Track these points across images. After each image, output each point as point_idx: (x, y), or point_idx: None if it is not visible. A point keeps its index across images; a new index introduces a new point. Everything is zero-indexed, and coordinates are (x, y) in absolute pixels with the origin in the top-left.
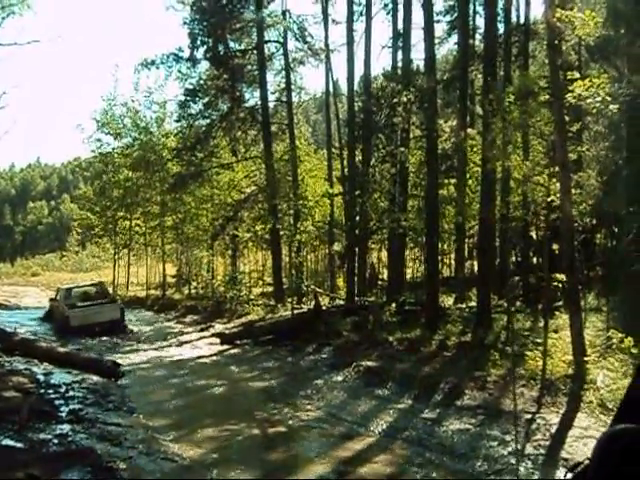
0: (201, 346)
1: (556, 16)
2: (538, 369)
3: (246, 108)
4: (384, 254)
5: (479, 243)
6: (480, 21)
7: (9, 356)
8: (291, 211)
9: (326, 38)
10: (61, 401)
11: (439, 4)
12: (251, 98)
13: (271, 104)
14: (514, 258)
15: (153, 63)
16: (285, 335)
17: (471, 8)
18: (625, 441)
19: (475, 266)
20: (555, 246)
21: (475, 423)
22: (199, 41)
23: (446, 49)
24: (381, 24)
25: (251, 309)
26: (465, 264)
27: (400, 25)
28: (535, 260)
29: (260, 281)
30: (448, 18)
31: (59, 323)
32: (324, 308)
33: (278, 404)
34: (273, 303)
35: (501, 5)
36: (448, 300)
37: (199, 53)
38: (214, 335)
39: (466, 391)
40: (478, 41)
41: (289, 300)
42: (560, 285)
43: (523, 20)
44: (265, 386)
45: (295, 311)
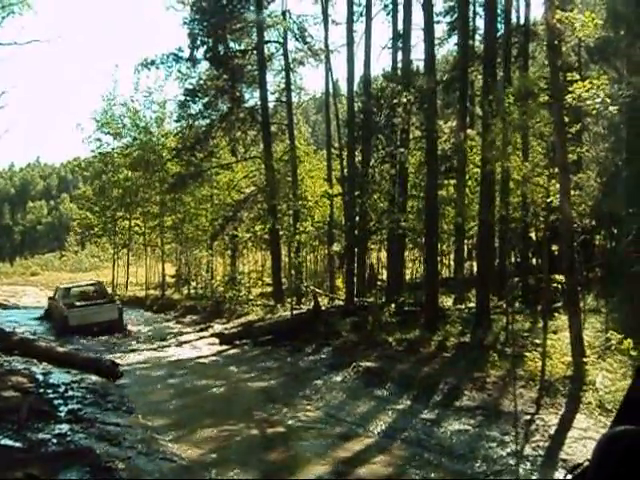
0: (200, 346)
1: (556, 17)
2: (537, 370)
3: (246, 108)
4: (383, 255)
5: (478, 244)
6: (480, 22)
7: (8, 356)
8: (290, 211)
9: (326, 39)
10: (60, 401)
11: (439, 5)
12: (251, 98)
13: (271, 104)
14: (513, 259)
15: (153, 63)
16: (284, 335)
17: (471, 9)
18: (625, 443)
19: (474, 267)
20: (554, 247)
21: (474, 424)
22: (199, 41)
23: (446, 50)
24: (381, 25)
25: (250, 309)
26: (464, 265)
27: (400, 26)
28: (534, 261)
29: (259, 281)
30: (448, 19)
31: (58, 323)
32: (323, 308)
33: (277, 404)
34: (272, 303)
35: (501, 6)
36: (447, 301)
37: (199, 53)
38: (213, 335)
39: (465, 392)
40: (478, 42)
41: (288, 300)
42: (559, 286)
43: (523, 21)
44: (264, 386)
45: (294, 311)
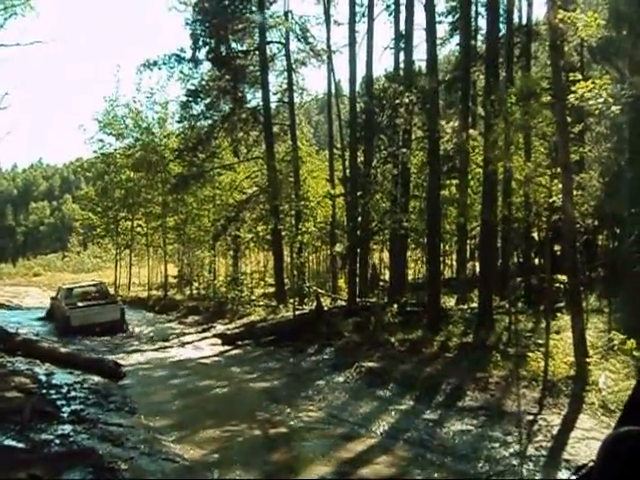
0: (202, 347)
1: (558, 17)
2: (540, 370)
3: (248, 109)
4: (386, 255)
5: (481, 244)
6: (482, 22)
7: (11, 356)
8: (293, 212)
9: (328, 39)
10: (63, 401)
11: (441, 5)
12: (253, 99)
13: (273, 105)
14: (516, 259)
15: (155, 64)
16: (287, 336)
17: (473, 9)
18: (630, 443)
19: (477, 267)
20: (557, 247)
21: (477, 424)
22: (201, 42)
23: (448, 50)
24: (383, 25)
25: (253, 310)
26: (467, 265)
27: (402, 26)
28: (537, 261)
29: (262, 282)
30: (450, 19)
31: (60, 323)
32: (326, 309)
33: (280, 405)
34: (275, 304)
35: (503, 6)
36: (450, 301)
37: (201, 54)
38: (215, 336)
39: (468, 392)
40: (480, 42)
41: (291, 301)
42: (562, 286)
43: (525, 21)
44: (267, 387)
45: (297, 312)
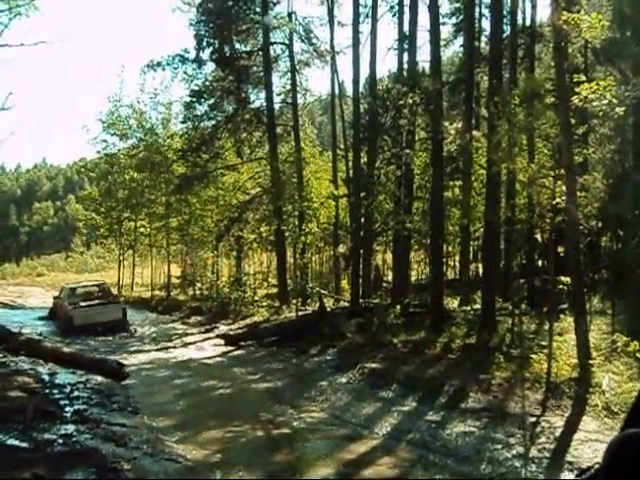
0: (205, 347)
1: (562, 19)
2: (543, 372)
3: (251, 109)
4: (389, 256)
5: (484, 245)
6: (486, 23)
7: (15, 356)
8: (296, 213)
9: (332, 40)
10: (66, 401)
11: (445, 6)
12: (256, 99)
13: (276, 106)
14: (519, 261)
15: (159, 64)
16: (289, 337)
17: (477, 10)
18: (636, 446)
19: (480, 268)
20: (560, 249)
21: (479, 426)
22: (205, 42)
23: (452, 51)
24: (387, 26)
25: (256, 310)
26: (470, 266)
27: (406, 27)
28: (540, 263)
29: (265, 282)
30: (454, 20)
31: (62, 322)
32: (329, 310)
33: (282, 405)
34: (278, 304)
35: (507, 8)
36: (453, 302)
37: (205, 54)
38: (218, 336)
39: (470, 394)
40: (484, 43)
41: (294, 302)
42: (565, 288)
43: (529, 22)
44: (269, 387)
45: (300, 313)
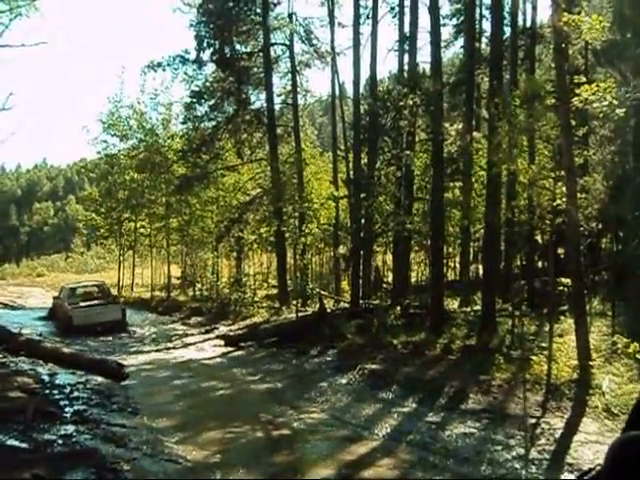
0: (205, 348)
1: (563, 20)
2: (543, 373)
3: (252, 110)
4: (389, 257)
5: (484, 247)
6: (486, 25)
7: (14, 356)
8: (296, 213)
9: (332, 41)
10: (66, 402)
11: (445, 8)
12: (257, 100)
13: (277, 106)
14: (519, 262)
15: (159, 65)
16: (289, 337)
17: (477, 12)
18: (637, 448)
19: (480, 270)
20: (560, 250)
21: (479, 427)
22: (205, 43)
23: (452, 52)
24: (387, 27)
25: (256, 311)
26: (470, 268)
27: (406, 28)
28: (540, 264)
29: (265, 283)
30: (454, 22)
31: (62, 322)
32: (329, 311)
33: (282, 406)
34: (278, 305)
35: (507, 9)
36: (453, 303)
37: (205, 55)
38: (218, 337)
39: (470, 395)
40: (484, 44)
41: (294, 302)
42: (565, 289)
43: (529, 24)
44: (269, 388)
45: (300, 313)
